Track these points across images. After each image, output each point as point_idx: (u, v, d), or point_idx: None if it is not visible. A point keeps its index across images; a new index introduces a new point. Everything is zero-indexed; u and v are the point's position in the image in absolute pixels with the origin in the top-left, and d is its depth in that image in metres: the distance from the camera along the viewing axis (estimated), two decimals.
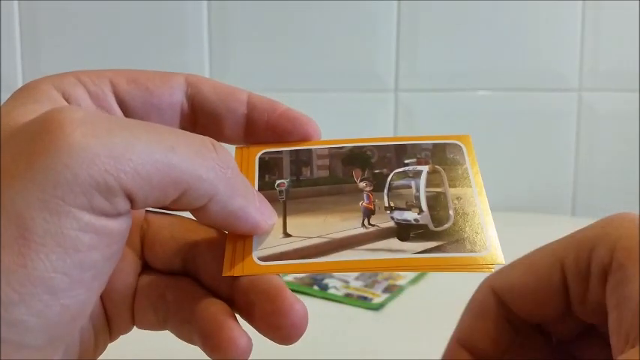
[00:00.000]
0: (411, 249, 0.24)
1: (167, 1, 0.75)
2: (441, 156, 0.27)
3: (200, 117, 0.26)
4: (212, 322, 0.23)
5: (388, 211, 0.25)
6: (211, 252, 0.25)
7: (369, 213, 0.25)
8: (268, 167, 0.27)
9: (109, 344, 0.26)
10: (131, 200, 0.20)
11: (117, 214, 0.20)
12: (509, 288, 0.28)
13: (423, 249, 0.24)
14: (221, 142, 0.26)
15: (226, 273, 0.23)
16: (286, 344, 0.23)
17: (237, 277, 0.24)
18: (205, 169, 0.21)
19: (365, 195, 0.26)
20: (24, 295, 0.18)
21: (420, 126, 0.77)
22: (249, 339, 0.22)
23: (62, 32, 0.75)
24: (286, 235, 0.25)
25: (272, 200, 0.25)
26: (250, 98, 0.26)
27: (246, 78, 0.75)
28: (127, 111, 0.25)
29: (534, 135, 0.78)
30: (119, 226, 0.20)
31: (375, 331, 0.48)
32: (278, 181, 0.26)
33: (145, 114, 0.25)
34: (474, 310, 0.29)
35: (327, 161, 0.27)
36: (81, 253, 0.19)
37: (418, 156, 0.27)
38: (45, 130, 0.19)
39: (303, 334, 0.22)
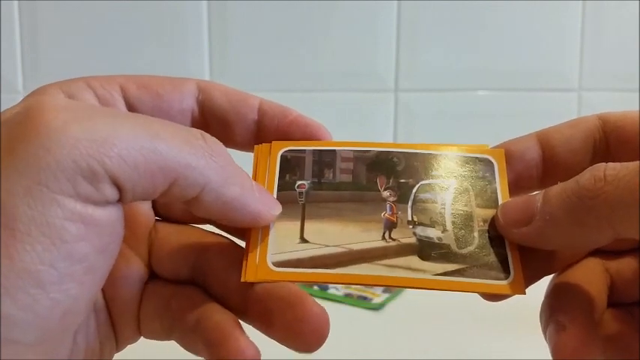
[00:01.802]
0: (431, 270, 0.23)
1: (167, 1, 0.74)
2: (470, 171, 0.26)
3: (211, 123, 0.26)
4: (218, 331, 0.22)
5: (411, 226, 0.24)
6: (220, 261, 0.24)
7: (390, 225, 0.24)
8: (290, 166, 0.26)
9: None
10: (119, 188, 0.19)
11: (105, 202, 0.19)
12: (615, 122, 0.26)
13: (443, 271, 0.23)
14: (231, 148, 0.26)
15: (244, 279, 0.23)
16: (308, 352, 0.22)
17: (251, 286, 0.23)
18: (195, 157, 0.20)
19: (388, 205, 0.25)
20: (9, 289, 0.17)
21: (420, 126, 0.77)
22: (257, 350, 0.22)
23: (62, 32, 0.75)
24: (303, 240, 0.24)
25: (291, 201, 0.25)
26: (262, 105, 0.26)
27: (246, 78, 0.75)
28: None
29: None
30: (108, 215, 0.19)
31: (375, 331, 0.47)
32: (298, 182, 0.25)
33: None
34: (572, 121, 0.27)
35: (351, 165, 0.26)
36: (68, 244, 0.18)
37: (447, 169, 0.26)
38: (26, 117, 0.18)
39: (325, 340, 0.22)
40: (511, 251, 0.23)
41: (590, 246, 0.25)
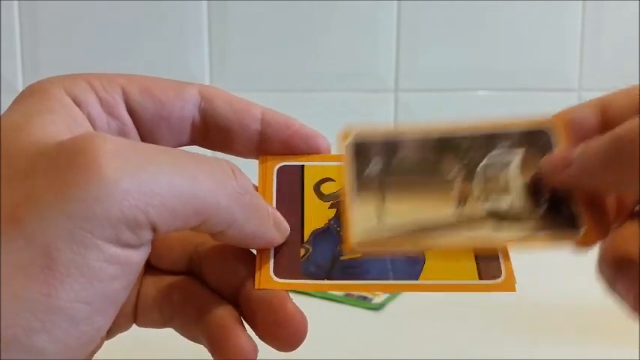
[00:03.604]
0: (505, 237, 0.24)
1: (167, 1, 0.75)
2: (533, 144, 0.27)
3: (212, 131, 0.26)
4: (220, 327, 0.23)
5: (480, 201, 0.26)
6: (218, 254, 0.25)
7: (462, 200, 0.26)
8: (362, 153, 0.27)
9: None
10: (154, 231, 0.20)
11: (140, 245, 0.20)
12: None
13: (517, 237, 0.24)
14: (232, 155, 0.27)
15: (257, 286, 0.24)
16: (286, 352, 0.23)
17: (243, 284, 0.24)
18: (226, 198, 0.21)
19: (456, 185, 0.26)
20: (46, 323, 0.18)
21: None
22: (255, 346, 0.23)
23: (62, 32, 0.75)
24: (381, 220, 0.25)
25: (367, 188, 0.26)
26: (264, 115, 0.26)
27: (246, 78, 0.75)
28: (136, 121, 0.25)
29: None
30: (140, 255, 0.20)
31: (375, 331, 0.47)
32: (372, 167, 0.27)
33: (155, 125, 0.25)
34: (631, 88, 0.29)
35: (416, 151, 0.27)
36: (104, 283, 0.19)
37: (510, 144, 0.27)
38: (76, 161, 0.19)
39: (302, 343, 0.23)
40: (581, 207, 0.25)
41: (620, 190, 0.26)
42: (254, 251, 0.25)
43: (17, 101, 0.23)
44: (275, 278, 0.24)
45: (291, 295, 0.24)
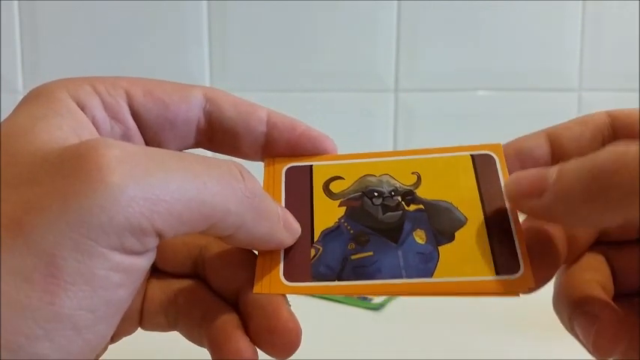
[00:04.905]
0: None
1: (167, 1, 0.75)
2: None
3: (217, 133, 0.26)
4: (221, 331, 0.23)
5: None
6: (221, 258, 0.25)
7: None
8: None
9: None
10: (160, 237, 0.20)
11: (145, 251, 0.20)
12: (624, 119, 0.26)
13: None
14: (237, 157, 0.26)
15: (257, 291, 0.23)
16: (278, 359, 0.23)
17: (242, 288, 0.24)
18: (234, 202, 0.21)
19: None
20: (49, 331, 0.18)
21: (420, 126, 0.77)
22: (255, 351, 0.23)
23: (62, 32, 0.75)
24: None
25: None
26: (270, 117, 0.26)
27: (246, 78, 0.75)
28: (141, 124, 0.25)
29: None
30: (145, 262, 0.20)
31: (375, 331, 0.47)
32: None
33: (159, 128, 0.25)
34: (580, 119, 0.27)
35: None
36: (109, 291, 0.19)
37: None
38: (81, 168, 0.19)
39: (294, 352, 0.23)
40: (522, 245, 0.23)
41: (597, 226, 0.25)
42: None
43: (22, 104, 0.22)
44: (285, 282, 0.23)
45: (291, 296, 0.24)
